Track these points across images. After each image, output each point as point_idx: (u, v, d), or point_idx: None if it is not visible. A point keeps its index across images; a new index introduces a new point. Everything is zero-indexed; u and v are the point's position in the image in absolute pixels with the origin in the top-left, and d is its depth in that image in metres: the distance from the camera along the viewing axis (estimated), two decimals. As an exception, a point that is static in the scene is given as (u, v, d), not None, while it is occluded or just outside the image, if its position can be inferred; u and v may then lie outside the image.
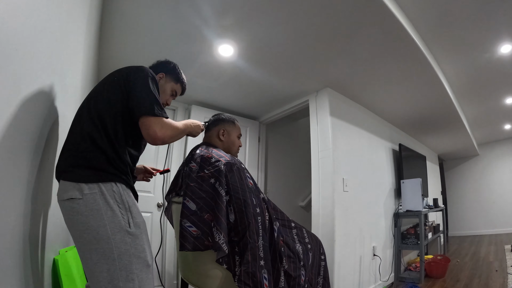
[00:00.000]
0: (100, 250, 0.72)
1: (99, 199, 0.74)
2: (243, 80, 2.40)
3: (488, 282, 2.54)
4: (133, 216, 0.80)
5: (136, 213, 0.81)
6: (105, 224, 0.73)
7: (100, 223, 0.73)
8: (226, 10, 1.59)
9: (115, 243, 0.74)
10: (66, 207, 0.75)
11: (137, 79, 0.89)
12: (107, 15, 1.61)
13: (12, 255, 0.63)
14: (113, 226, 0.74)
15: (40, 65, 0.74)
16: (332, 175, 2.31)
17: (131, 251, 0.76)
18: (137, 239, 0.78)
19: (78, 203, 0.73)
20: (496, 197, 5.49)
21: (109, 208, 0.75)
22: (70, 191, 0.74)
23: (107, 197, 0.76)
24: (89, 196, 0.74)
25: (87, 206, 0.73)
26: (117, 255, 0.73)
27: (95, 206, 0.73)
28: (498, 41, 2.14)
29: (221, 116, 1.49)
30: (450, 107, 3.06)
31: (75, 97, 1.27)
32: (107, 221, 0.74)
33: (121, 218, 0.76)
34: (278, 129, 3.61)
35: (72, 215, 0.74)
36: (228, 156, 1.28)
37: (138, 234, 0.79)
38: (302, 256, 1.30)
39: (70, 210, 0.74)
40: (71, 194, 0.73)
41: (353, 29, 1.75)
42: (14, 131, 0.61)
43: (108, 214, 0.75)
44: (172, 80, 1.19)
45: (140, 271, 0.77)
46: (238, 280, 1.06)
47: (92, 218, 0.73)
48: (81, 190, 0.74)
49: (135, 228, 0.79)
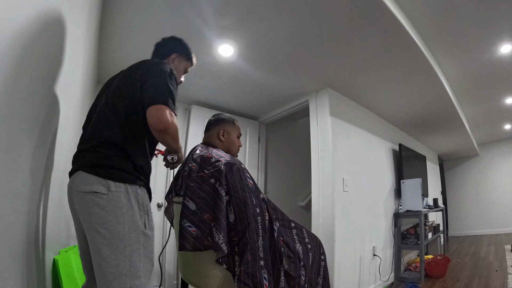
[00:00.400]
0: (113, 245, 0.74)
1: (124, 198, 0.78)
2: (243, 80, 2.39)
3: (488, 282, 2.54)
4: (149, 219, 0.84)
5: (151, 217, 0.87)
6: (124, 222, 0.76)
7: (120, 220, 0.76)
8: (226, 10, 1.59)
9: (130, 241, 0.76)
10: (86, 199, 0.76)
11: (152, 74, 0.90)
12: (107, 15, 1.61)
13: (12, 255, 0.63)
14: (131, 225, 0.77)
15: (40, 65, 0.74)
16: (332, 175, 2.31)
17: (141, 251, 0.79)
18: (149, 240, 0.82)
19: (101, 197, 0.75)
20: (496, 197, 5.49)
21: (131, 207, 0.79)
22: (95, 185, 0.76)
23: (131, 197, 0.79)
24: (115, 193, 0.77)
25: (110, 202, 0.76)
26: (129, 253, 0.76)
27: (118, 203, 0.76)
28: (498, 41, 2.14)
29: (221, 116, 1.49)
30: (450, 107, 3.06)
31: (75, 97, 1.27)
32: (126, 219, 0.77)
33: (139, 218, 0.80)
34: (278, 129, 3.60)
35: (92, 207, 0.75)
36: (228, 156, 1.28)
37: (151, 236, 0.84)
38: (302, 256, 1.30)
39: (90, 202, 0.76)
40: (96, 188, 0.75)
41: (353, 29, 1.75)
42: (14, 131, 0.61)
43: (129, 213, 0.78)
44: (184, 59, 1.21)
45: (146, 270, 0.80)
46: (237, 280, 1.06)
47: (113, 214, 0.75)
48: (107, 186, 0.76)
49: (149, 230, 0.83)
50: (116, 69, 2.18)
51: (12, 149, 0.62)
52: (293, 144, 3.76)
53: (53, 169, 0.98)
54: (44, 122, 0.83)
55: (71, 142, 1.22)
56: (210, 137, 1.45)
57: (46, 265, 0.95)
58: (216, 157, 1.24)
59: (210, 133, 1.46)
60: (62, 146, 1.08)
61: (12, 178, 0.63)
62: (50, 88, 0.85)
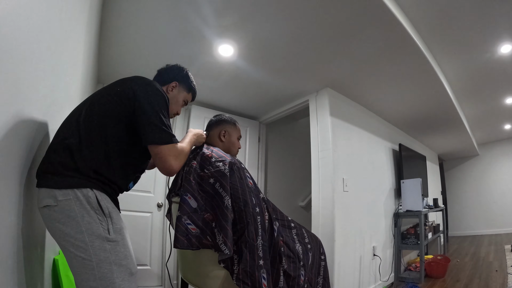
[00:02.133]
0: (79, 258, 0.69)
1: (74, 205, 0.71)
2: (243, 80, 2.40)
3: (488, 282, 2.54)
4: (113, 222, 0.76)
5: (117, 219, 0.78)
6: (82, 231, 0.70)
7: (77, 229, 0.70)
8: (226, 9, 1.59)
9: (94, 251, 0.70)
10: (43, 215, 0.73)
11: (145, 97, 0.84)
12: (107, 15, 1.61)
13: (12, 255, 0.63)
14: (90, 232, 0.71)
15: (41, 65, 0.74)
16: (332, 175, 2.31)
17: (111, 259, 0.72)
18: (117, 245, 0.74)
19: (54, 210, 0.70)
20: (496, 197, 5.49)
21: (86, 213, 0.72)
22: (45, 198, 0.71)
23: (83, 203, 0.72)
24: (64, 202, 0.70)
25: (63, 213, 0.70)
26: (96, 263, 0.70)
27: (70, 213, 0.70)
28: (498, 41, 2.14)
29: (223, 117, 1.49)
30: (450, 107, 3.06)
31: (75, 97, 1.27)
32: (83, 227, 0.70)
33: (99, 224, 0.73)
34: (278, 129, 3.60)
35: (49, 222, 0.72)
36: (228, 156, 1.28)
37: (119, 240, 0.76)
38: (302, 256, 1.30)
39: (46, 217, 0.72)
40: (46, 202, 0.70)
41: (353, 29, 1.75)
42: (14, 130, 0.61)
43: (85, 220, 0.71)
44: (185, 90, 1.16)
45: (123, 280, 0.73)
46: (236, 278, 1.06)
47: (69, 226, 0.70)
48: (54, 196, 0.70)
49: (115, 234, 0.75)
50: (116, 69, 2.20)
51: (12, 149, 0.62)
52: (293, 144, 3.76)
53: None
54: (44, 123, 0.83)
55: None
56: (211, 137, 1.46)
57: (46, 265, 0.95)
58: (216, 156, 1.24)
59: (211, 133, 1.47)
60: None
61: (12, 178, 0.63)
62: (50, 89, 0.85)
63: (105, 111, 0.82)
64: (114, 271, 0.71)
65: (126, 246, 0.77)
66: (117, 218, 0.78)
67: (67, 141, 0.75)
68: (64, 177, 0.72)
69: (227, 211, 1.10)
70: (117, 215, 0.80)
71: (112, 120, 0.82)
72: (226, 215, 1.09)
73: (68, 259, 0.71)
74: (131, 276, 0.75)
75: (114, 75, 2.25)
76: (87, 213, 0.72)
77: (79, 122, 0.79)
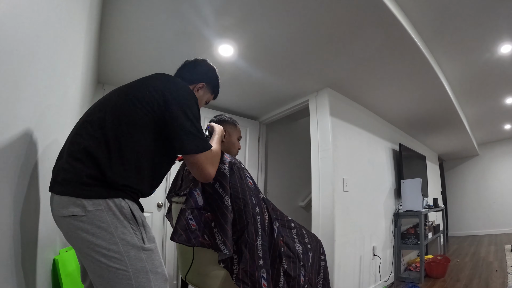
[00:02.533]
0: (113, 268, 0.66)
1: (107, 215, 0.68)
2: (243, 80, 2.40)
3: (488, 282, 2.54)
4: (147, 231, 0.75)
5: (149, 228, 0.78)
6: (117, 242, 0.68)
7: (111, 240, 0.67)
8: (226, 10, 1.59)
9: (130, 261, 0.68)
10: (66, 224, 0.68)
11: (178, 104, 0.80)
12: (107, 15, 1.61)
13: (12, 255, 0.63)
14: (125, 243, 0.68)
15: (41, 65, 0.74)
16: (332, 175, 2.31)
17: (147, 268, 0.71)
18: (152, 253, 0.74)
19: (81, 220, 0.66)
20: (496, 197, 5.49)
21: (119, 224, 0.69)
22: (70, 207, 0.66)
23: (116, 213, 0.69)
24: (94, 213, 0.67)
25: (93, 223, 0.66)
26: (133, 273, 0.68)
27: (102, 224, 0.67)
28: (498, 41, 2.14)
29: (224, 117, 1.49)
30: (450, 107, 3.06)
31: (75, 97, 1.27)
32: (118, 238, 0.68)
33: (133, 234, 0.71)
34: (278, 129, 3.60)
35: (75, 232, 0.67)
36: (228, 156, 1.28)
37: (153, 248, 0.75)
38: (302, 256, 1.30)
39: (71, 227, 0.67)
40: (72, 211, 0.66)
41: (354, 29, 1.75)
42: (14, 130, 0.61)
43: (119, 231, 0.68)
44: (209, 91, 1.14)
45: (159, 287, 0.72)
46: (236, 278, 1.06)
47: (100, 236, 0.66)
48: (83, 206, 0.66)
49: (150, 243, 0.74)
50: (116, 69, 2.20)
51: (12, 149, 0.62)
52: (293, 144, 3.76)
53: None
54: (45, 123, 0.83)
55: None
56: (211, 137, 1.46)
57: (46, 265, 0.95)
58: (216, 157, 1.24)
59: None
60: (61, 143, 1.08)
61: (12, 178, 0.63)
62: (50, 89, 0.85)
63: (134, 120, 0.76)
64: (151, 280, 0.71)
65: (158, 253, 0.77)
66: (149, 227, 0.77)
67: (92, 151, 0.71)
68: (94, 187, 0.69)
69: (226, 211, 1.10)
70: (148, 224, 0.78)
71: (143, 131, 0.77)
72: (226, 215, 1.09)
73: (97, 269, 0.68)
74: (165, 282, 0.76)
75: (114, 75, 2.25)
76: (120, 224, 0.69)
77: (104, 130, 0.73)
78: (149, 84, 0.84)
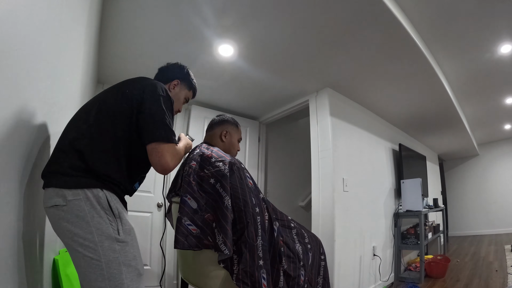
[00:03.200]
0: (87, 258, 0.69)
1: (85, 205, 0.71)
2: (243, 80, 2.40)
3: (488, 282, 2.54)
4: (123, 223, 0.76)
5: (126, 220, 0.79)
6: (92, 231, 0.70)
7: (87, 230, 0.70)
8: (226, 10, 1.59)
9: (103, 251, 0.70)
10: (50, 214, 0.73)
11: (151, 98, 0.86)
12: (107, 14, 1.61)
13: (12, 255, 0.63)
14: (100, 233, 0.71)
15: (41, 65, 0.74)
16: (332, 175, 2.31)
17: (120, 259, 0.72)
18: (127, 246, 0.75)
19: (62, 209, 0.70)
20: (496, 197, 5.49)
21: (96, 214, 0.71)
22: (54, 197, 0.71)
23: (93, 203, 0.72)
24: (74, 202, 0.70)
25: (72, 213, 0.70)
26: (105, 264, 0.69)
27: (80, 213, 0.70)
28: (498, 41, 2.14)
29: (226, 117, 1.49)
30: (450, 107, 3.06)
31: (75, 97, 1.27)
32: (93, 227, 0.70)
33: (109, 224, 0.73)
34: (278, 129, 3.60)
35: (57, 222, 0.71)
36: (228, 156, 1.28)
37: (128, 241, 0.76)
38: (301, 256, 1.30)
39: (55, 217, 0.71)
40: (55, 201, 0.70)
41: (353, 29, 1.75)
42: (13, 130, 0.61)
43: (95, 221, 0.71)
44: (186, 87, 1.18)
45: (131, 280, 0.73)
46: (236, 278, 1.06)
47: (78, 226, 0.69)
48: (64, 196, 0.70)
49: (125, 235, 0.75)
50: (116, 69, 2.20)
51: (12, 149, 0.62)
52: (293, 144, 3.76)
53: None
54: (44, 123, 0.83)
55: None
56: (212, 136, 1.46)
57: (46, 265, 0.95)
58: (216, 156, 1.24)
59: (212, 133, 1.47)
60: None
61: (12, 178, 0.63)
62: (50, 88, 0.85)
63: (114, 112, 0.83)
64: (123, 272, 0.72)
65: (135, 247, 0.78)
66: (126, 219, 0.78)
67: (77, 142, 0.76)
68: (74, 177, 0.72)
69: (227, 211, 1.10)
70: (126, 215, 0.80)
71: (121, 122, 0.82)
72: (226, 215, 1.09)
73: (75, 259, 0.71)
74: (139, 276, 0.76)
75: (114, 75, 2.25)
76: (97, 214, 0.72)
77: (89, 123, 0.80)
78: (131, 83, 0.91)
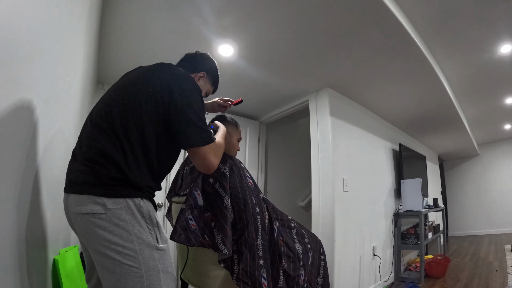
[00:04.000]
0: (125, 265, 0.68)
1: (126, 214, 0.70)
2: (243, 80, 2.39)
3: (488, 282, 2.54)
4: (161, 232, 0.77)
5: (162, 228, 0.79)
6: (133, 240, 0.70)
7: (127, 238, 0.69)
8: (226, 10, 1.59)
9: (143, 259, 0.70)
10: (84, 221, 0.69)
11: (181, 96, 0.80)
12: (107, 14, 1.61)
13: (12, 255, 0.63)
14: (140, 241, 0.71)
15: (41, 65, 0.74)
16: (332, 175, 2.31)
17: (159, 267, 0.73)
18: (165, 254, 0.76)
19: (100, 217, 0.68)
20: (496, 197, 5.49)
21: (136, 223, 0.71)
22: (90, 205, 0.68)
23: (134, 212, 0.72)
24: (114, 211, 0.69)
25: (111, 221, 0.68)
26: (145, 271, 0.70)
27: (120, 222, 0.69)
28: (498, 41, 2.14)
29: (225, 118, 1.50)
30: (450, 107, 3.06)
31: (76, 97, 1.27)
32: (134, 236, 0.70)
33: (148, 233, 0.73)
34: (278, 129, 3.60)
35: (93, 229, 0.69)
36: (228, 156, 1.28)
37: (166, 248, 0.77)
38: (301, 256, 1.30)
39: (90, 224, 0.69)
40: (92, 208, 0.68)
41: (353, 29, 1.75)
42: (13, 130, 0.61)
43: (135, 229, 0.71)
44: (210, 82, 1.13)
45: (168, 286, 0.74)
46: (236, 278, 1.06)
47: (117, 235, 0.68)
48: (104, 205, 0.68)
49: (163, 243, 0.76)
50: (116, 69, 2.20)
51: (12, 149, 0.62)
52: (293, 144, 3.76)
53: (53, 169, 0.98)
54: (45, 123, 0.83)
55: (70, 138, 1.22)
56: (212, 136, 1.46)
57: (46, 265, 0.95)
58: (216, 157, 1.24)
59: None
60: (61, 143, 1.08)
61: (12, 178, 0.63)
62: (50, 88, 0.85)
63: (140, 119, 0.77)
64: (162, 279, 0.73)
65: (170, 254, 0.79)
66: (162, 228, 0.79)
67: (110, 153, 0.72)
68: (115, 187, 0.71)
69: (226, 211, 1.10)
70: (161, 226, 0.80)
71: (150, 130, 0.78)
72: (226, 215, 1.09)
73: (108, 265, 0.69)
74: (174, 282, 0.78)
75: (114, 75, 2.24)
76: (137, 223, 0.72)
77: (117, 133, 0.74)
78: (151, 78, 0.84)
